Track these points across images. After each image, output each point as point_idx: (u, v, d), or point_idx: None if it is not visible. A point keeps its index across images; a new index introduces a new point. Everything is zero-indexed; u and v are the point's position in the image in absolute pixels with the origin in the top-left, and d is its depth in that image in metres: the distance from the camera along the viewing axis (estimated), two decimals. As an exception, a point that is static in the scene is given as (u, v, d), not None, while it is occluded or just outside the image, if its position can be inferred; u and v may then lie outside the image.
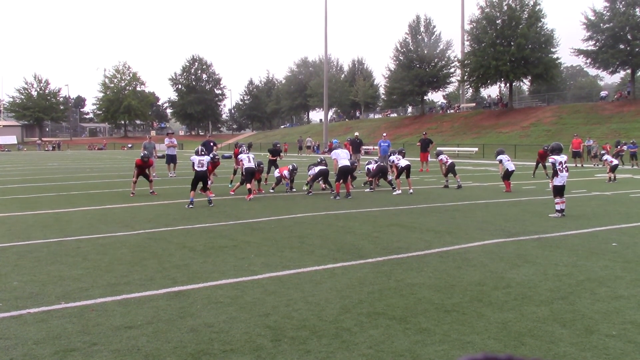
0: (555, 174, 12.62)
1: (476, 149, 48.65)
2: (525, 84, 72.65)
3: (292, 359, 4.74)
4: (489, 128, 58.61)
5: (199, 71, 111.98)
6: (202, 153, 15.24)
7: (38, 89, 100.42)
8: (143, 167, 17.44)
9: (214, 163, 17.58)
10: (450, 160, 20.58)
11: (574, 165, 32.68)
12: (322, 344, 5.05)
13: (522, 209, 13.98)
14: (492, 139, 52.99)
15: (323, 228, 11.28)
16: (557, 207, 12.61)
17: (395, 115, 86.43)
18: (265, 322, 5.64)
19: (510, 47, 57.64)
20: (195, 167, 14.83)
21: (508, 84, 64.02)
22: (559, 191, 12.54)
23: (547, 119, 54.58)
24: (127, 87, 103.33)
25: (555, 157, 12.59)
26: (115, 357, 4.79)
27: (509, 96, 65.90)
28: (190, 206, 14.37)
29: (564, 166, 12.53)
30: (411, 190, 17.74)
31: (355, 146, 29.84)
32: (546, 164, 22.21)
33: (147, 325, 5.56)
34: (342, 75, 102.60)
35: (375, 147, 44.10)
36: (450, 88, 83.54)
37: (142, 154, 17.64)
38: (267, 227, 11.48)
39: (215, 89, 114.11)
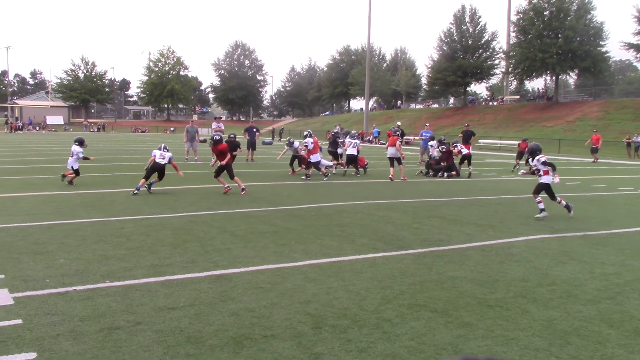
0: (540, 173, 11.86)
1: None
2: (572, 78, 70.96)
3: (332, 347, 4.72)
4: (533, 121, 57.52)
5: (242, 57, 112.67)
6: (166, 150, 14.58)
7: (85, 71, 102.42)
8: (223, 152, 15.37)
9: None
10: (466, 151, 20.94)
11: (592, 160, 32.02)
12: (362, 334, 5.03)
13: (567, 205, 13.66)
14: (535, 132, 51.99)
15: (363, 217, 11.23)
16: (541, 205, 11.65)
17: (437, 106, 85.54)
18: (305, 309, 5.64)
19: (558, 39, 56.39)
20: (156, 159, 14.16)
21: (554, 77, 62.73)
22: (543, 189, 11.78)
23: (593, 114, 53.28)
24: (171, 71, 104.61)
25: (541, 157, 11.79)
26: (158, 337, 4.85)
27: (555, 89, 64.58)
28: (135, 192, 13.66)
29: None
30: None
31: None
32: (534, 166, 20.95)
33: (189, 307, 5.62)
34: (384, 65, 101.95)
35: (416, 138, 43.78)
36: (494, 80, 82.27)
37: (214, 135, 16.87)
38: (307, 214, 11.49)
39: (257, 75, 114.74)
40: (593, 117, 52.34)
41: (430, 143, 23.29)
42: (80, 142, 15.62)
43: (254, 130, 26.49)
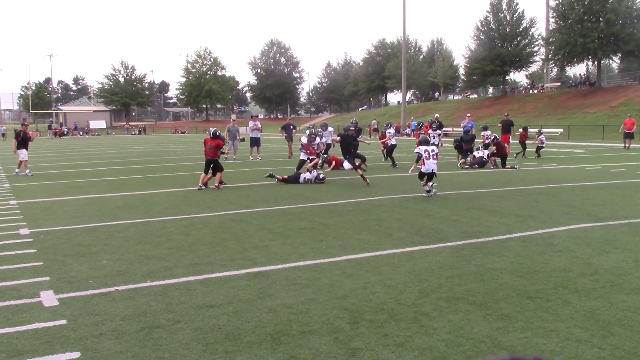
0: (421, 161, 13.30)
1: (561, 130, 46.89)
2: (615, 62, 69.04)
3: (370, 342, 4.73)
4: (575, 108, 56.25)
5: (278, 55, 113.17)
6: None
7: (125, 75, 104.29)
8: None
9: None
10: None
11: (624, 146, 30.96)
12: (400, 328, 5.01)
13: (611, 193, 13.36)
14: (577, 119, 50.90)
15: (401, 211, 11.18)
16: (426, 188, 13.19)
17: (475, 96, 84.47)
18: (343, 304, 5.65)
19: (599, 23, 54.92)
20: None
21: (596, 62, 61.20)
22: (424, 176, 13.26)
23: (638, 98, 51.76)
24: (209, 72, 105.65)
25: (424, 147, 13.26)
26: (197, 335, 4.93)
27: (597, 75, 62.98)
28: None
29: (430, 155, 13.15)
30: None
31: (435, 128, 29.42)
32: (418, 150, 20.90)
33: (227, 304, 5.69)
34: (421, 56, 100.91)
35: (455, 129, 43.38)
36: (534, 67, 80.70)
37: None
38: (344, 209, 11.49)
39: (293, 72, 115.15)
40: (638, 102, 50.88)
41: (438, 131, 23.32)
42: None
43: (291, 127, 26.72)
